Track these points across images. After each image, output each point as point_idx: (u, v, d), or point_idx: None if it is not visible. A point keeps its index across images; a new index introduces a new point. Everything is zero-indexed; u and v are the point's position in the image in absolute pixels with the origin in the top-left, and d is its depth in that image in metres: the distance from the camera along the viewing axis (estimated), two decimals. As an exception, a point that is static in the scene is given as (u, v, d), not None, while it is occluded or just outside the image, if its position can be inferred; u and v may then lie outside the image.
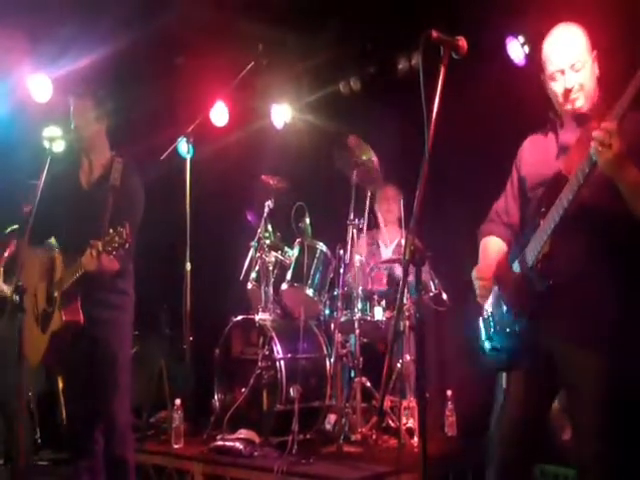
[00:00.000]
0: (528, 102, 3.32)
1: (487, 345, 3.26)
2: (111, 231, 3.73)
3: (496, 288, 3.25)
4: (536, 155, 3.30)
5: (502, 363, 3.28)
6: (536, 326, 3.03)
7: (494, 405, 3.39)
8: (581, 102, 3.08)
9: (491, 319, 3.25)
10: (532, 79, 3.20)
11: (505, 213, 3.42)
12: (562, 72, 3.07)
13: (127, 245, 3.74)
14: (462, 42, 2.79)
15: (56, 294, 4.06)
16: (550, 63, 3.11)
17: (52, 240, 4.33)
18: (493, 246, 3.39)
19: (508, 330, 3.13)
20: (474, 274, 3.31)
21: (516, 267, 3.14)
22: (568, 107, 3.10)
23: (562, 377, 3.03)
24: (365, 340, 5.78)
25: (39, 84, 6.58)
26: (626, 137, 2.80)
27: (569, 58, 3.06)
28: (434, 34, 2.74)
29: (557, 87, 3.10)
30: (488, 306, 3.28)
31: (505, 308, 3.17)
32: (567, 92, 3.07)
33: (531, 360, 3.09)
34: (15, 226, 5.35)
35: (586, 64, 3.08)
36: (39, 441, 5.97)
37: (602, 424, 2.89)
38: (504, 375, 3.35)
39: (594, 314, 2.93)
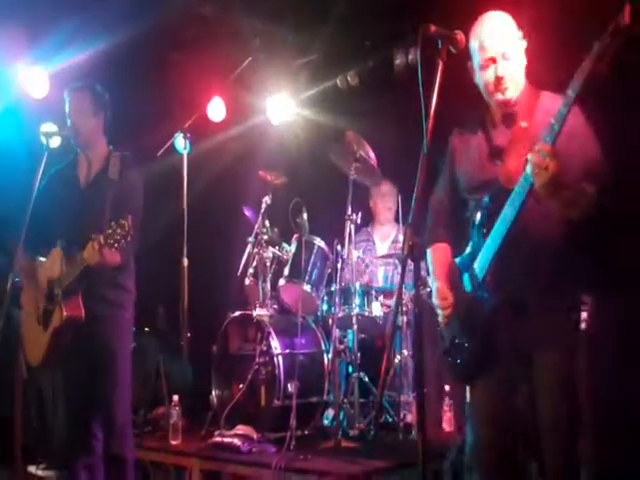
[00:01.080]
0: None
1: (447, 357, 3.25)
2: (113, 224, 3.69)
3: None
4: (468, 153, 3.24)
5: (462, 376, 3.30)
6: (491, 340, 3.03)
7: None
8: (511, 92, 3.06)
9: (447, 332, 3.24)
10: (530, 74, 3.16)
11: (442, 211, 3.37)
12: (494, 60, 3.03)
13: (129, 237, 3.70)
14: (460, 36, 2.77)
15: (57, 291, 4.04)
16: (481, 50, 3.06)
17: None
18: (442, 258, 3.34)
19: (466, 345, 3.13)
20: (435, 301, 3.27)
21: (467, 281, 3.13)
22: (499, 96, 3.06)
23: (524, 380, 3.05)
24: (363, 336, 5.78)
25: (36, 79, 6.56)
26: (572, 128, 2.84)
27: (502, 46, 3.03)
28: (432, 28, 2.72)
29: (488, 75, 3.06)
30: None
31: (459, 324, 3.16)
32: (498, 80, 3.03)
33: (489, 372, 3.09)
34: None
35: (517, 53, 3.06)
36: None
37: (563, 424, 2.94)
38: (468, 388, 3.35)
39: (546, 326, 2.94)
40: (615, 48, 2.60)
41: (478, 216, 3.11)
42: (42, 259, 4.26)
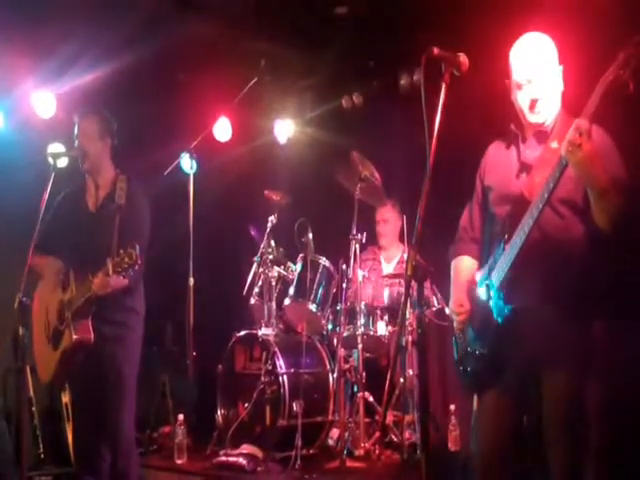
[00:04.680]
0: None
1: (459, 366, 3.26)
2: (121, 252, 3.75)
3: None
4: (498, 167, 3.27)
5: (471, 385, 3.29)
6: (502, 349, 3.03)
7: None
8: (545, 115, 3.07)
9: (461, 340, 3.24)
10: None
11: (471, 227, 3.39)
12: (529, 81, 3.04)
13: (137, 266, 3.75)
14: (463, 59, 2.79)
15: (68, 313, 4.07)
16: (518, 71, 3.08)
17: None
18: (464, 269, 3.35)
19: (477, 353, 3.13)
20: (451, 308, 3.28)
21: (483, 290, 3.13)
22: (532, 119, 3.08)
23: (532, 396, 3.04)
24: (368, 355, 5.78)
25: (43, 100, 6.60)
26: (595, 145, 2.78)
27: (538, 68, 3.04)
28: (435, 51, 2.75)
29: (523, 97, 3.08)
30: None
31: (473, 332, 3.17)
32: (533, 103, 3.05)
33: (499, 382, 3.08)
34: None
35: (552, 77, 3.06)
36: (42, 456, 5.94)
37: (568, 440, 2.95)
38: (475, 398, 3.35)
39: (558, 338, 2.93)
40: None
41: (500, 227, 3.13)
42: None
